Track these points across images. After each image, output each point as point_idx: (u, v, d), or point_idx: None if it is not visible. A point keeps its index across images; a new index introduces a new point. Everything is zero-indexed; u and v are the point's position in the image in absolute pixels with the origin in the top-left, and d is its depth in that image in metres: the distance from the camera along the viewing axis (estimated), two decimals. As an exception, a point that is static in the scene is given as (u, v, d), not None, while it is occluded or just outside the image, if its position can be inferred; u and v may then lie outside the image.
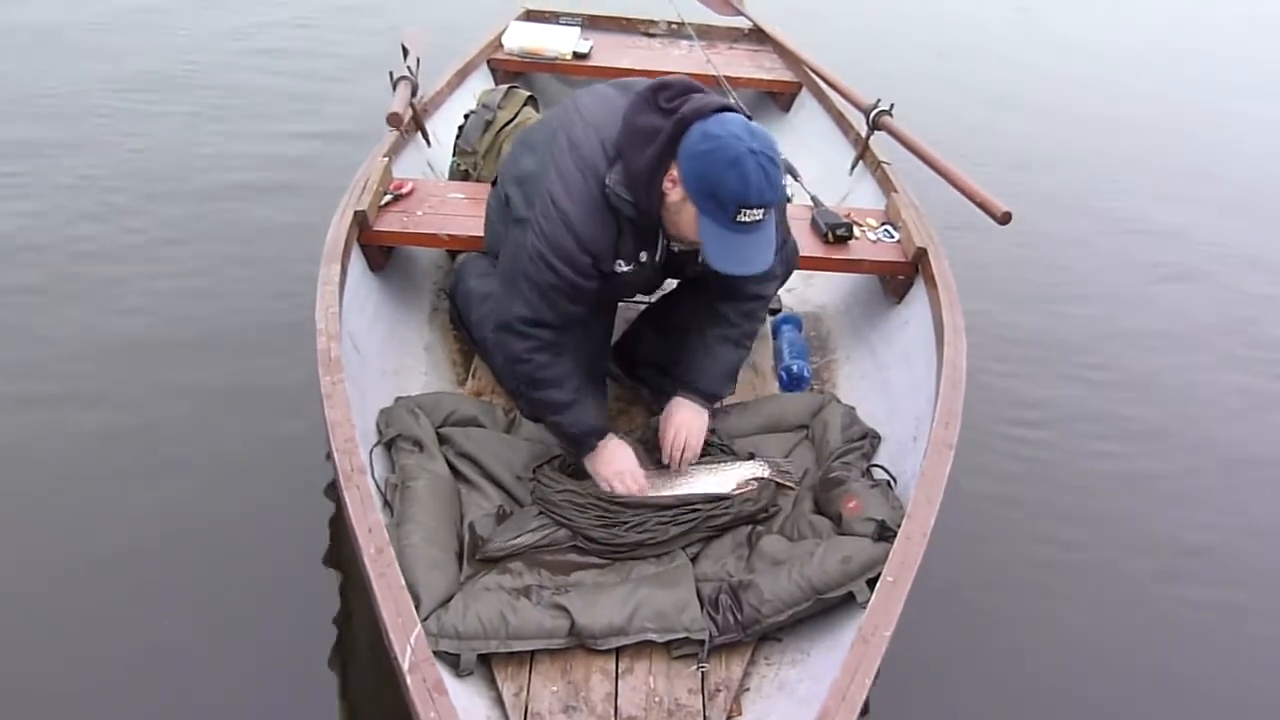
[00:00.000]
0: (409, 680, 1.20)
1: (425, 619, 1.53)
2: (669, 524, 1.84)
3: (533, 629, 1.58)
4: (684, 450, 1.95)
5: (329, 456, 1.61)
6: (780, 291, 2.43)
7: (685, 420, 1.96)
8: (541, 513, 1.83)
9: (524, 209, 1.79)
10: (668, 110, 1.59)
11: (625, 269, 1.80)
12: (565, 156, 1.72)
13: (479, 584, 1.69)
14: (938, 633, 2.19)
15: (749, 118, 1.62)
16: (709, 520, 1.87)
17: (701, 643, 1.60)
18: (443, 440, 1.98)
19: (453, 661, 1.53)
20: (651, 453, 2.03)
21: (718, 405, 2.11)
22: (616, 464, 1.89)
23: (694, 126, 1.54)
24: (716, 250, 1.58)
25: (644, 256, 1.81)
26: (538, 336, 1.79)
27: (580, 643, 1.60)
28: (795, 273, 2.31)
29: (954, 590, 2.30)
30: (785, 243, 1.93)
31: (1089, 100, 6.43)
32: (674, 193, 1.61)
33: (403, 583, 1.35)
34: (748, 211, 1.51)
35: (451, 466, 1.94)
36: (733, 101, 1.63)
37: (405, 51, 3.01)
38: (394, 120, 2.53)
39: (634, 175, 1.63)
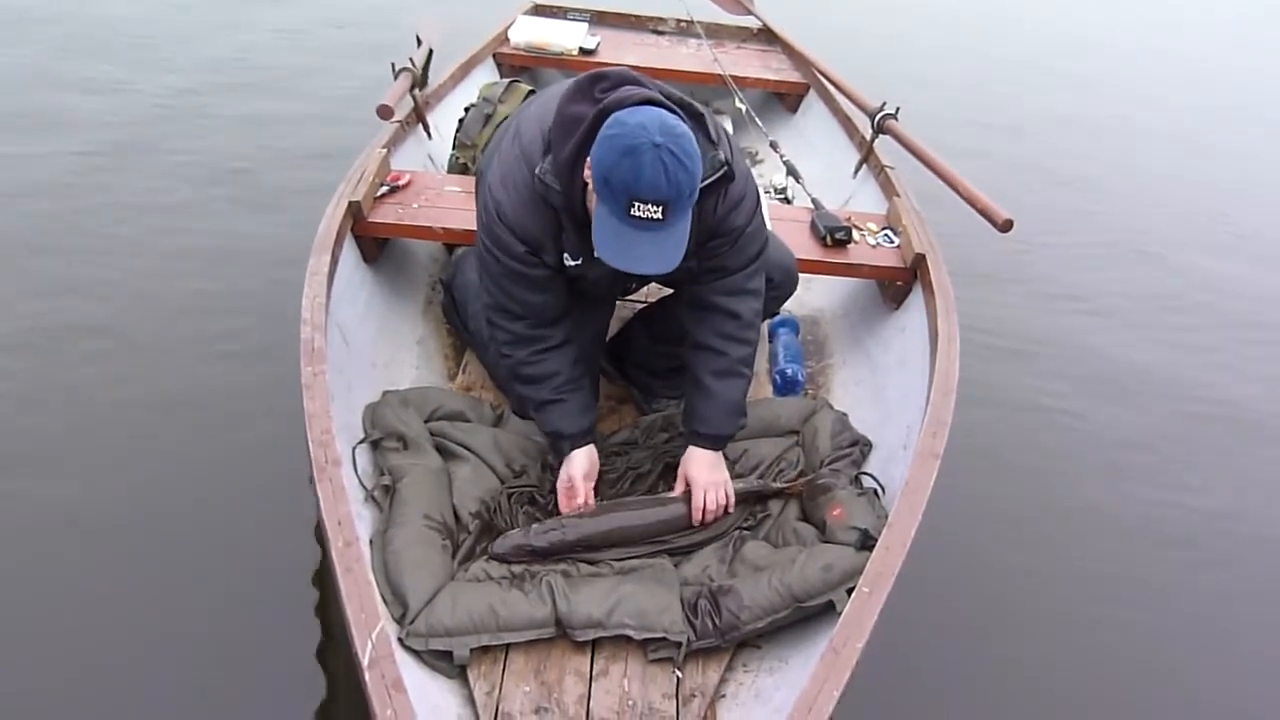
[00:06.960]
0: (367, 677, 1.19)
1: (414, 620, 1.53)
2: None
3: (522, 620, 1.58)
4: (716, 509, 1.86)
5: (307, 450, 1.59)
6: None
7: (701, 479, 1.84)
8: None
9: (477, 199, 1.81)
10: (598, 99, 1.55)
11: (574, 263, 1.74)
12: (510, 145, 1.71)
13: (469, 574, 1.68)
14: (920, 644, 2.16)
15: (696, 116, 1.57)
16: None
17: (678, 646, 1.58)
18: (433, 433, 1.97)
19: (446, 658, 1.52)
20: (636, 455, 2.00)
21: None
22: (568, 473, 1.83)
23: (612, 115, 1.49)
24: (603, 238, 1.50)
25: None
26: (511, 330, 1.78)
27: (561, 631, 1.59)
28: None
29: (937, 600, 2.27)
30: (761, 253, 1.84)
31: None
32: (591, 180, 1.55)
33: (370, 578, 1.34)
34: (641, 205, 1.44)
35: (443, 450, 1.93)
36: (660, 95, 1.54)
37: (419, 41, 3.00)
38: (384, 112, 2.51)
39: (560, 164, 1.59)
